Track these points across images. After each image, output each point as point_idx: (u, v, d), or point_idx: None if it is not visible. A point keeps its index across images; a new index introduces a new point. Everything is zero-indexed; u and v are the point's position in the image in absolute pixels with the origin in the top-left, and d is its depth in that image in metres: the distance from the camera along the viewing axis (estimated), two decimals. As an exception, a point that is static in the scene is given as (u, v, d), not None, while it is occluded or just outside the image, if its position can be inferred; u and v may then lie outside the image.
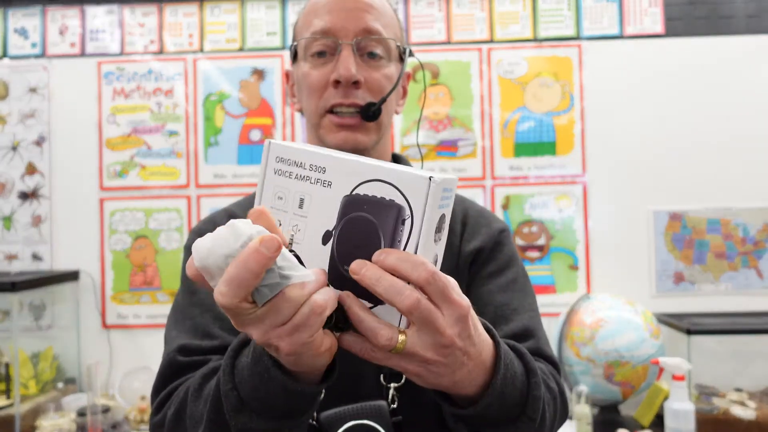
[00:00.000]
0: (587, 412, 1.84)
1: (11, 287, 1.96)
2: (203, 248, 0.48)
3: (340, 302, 0.53)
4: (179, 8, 2.33)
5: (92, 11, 2.34)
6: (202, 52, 2.32)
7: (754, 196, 2.22)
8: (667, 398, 1.82)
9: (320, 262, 0.54)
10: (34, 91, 2.33)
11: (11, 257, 2.32)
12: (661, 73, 2.24)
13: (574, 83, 2.26)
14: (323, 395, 0.64)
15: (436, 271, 0.51)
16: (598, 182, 2.25)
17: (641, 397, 2.01)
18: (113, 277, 2.29)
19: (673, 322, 2.04)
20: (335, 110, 0.84)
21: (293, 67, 0.92)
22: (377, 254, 0.51)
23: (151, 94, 2.32)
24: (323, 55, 0.85)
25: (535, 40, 2.28)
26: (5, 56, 2.35)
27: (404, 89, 0.96)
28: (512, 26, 2.29)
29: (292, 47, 0.91)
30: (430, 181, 0.51)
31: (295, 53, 0.90)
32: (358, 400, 0.75)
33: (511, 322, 0.81)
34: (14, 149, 2.33)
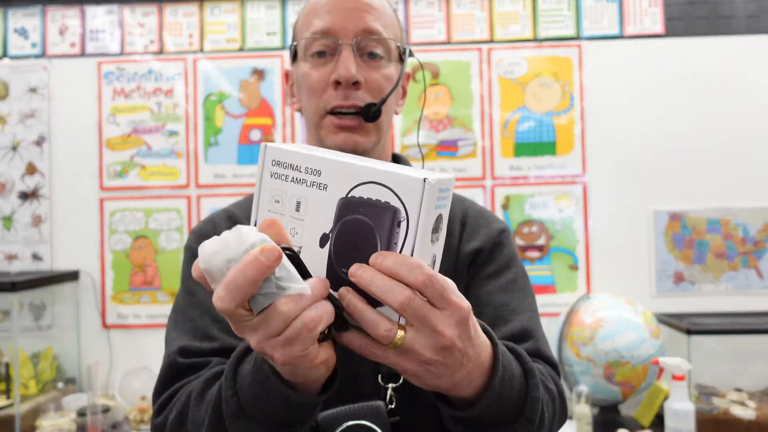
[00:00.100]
0: (587, 412, 1.84)
1: (11, 287, 1.96)
2: (208, 250, 0.49)
3: (340, 299, 0.53)
4: (179, 8, 2.33)
5: (92, 11, 2.34)
6: (202, 52, 2.32)
7: (754, 196, 2.22)
8: (667, 398, 1.82)
9: (318, 264, 0.54)
10: (34, 91, 2.33)
11: (11, 257, 2.32)
12: (661, 73, 2.24)
13: (574, 83, 2.26)
14: None
15: (433, 273, 0.51)
16: (598, 182, 2.25)
17: (641, 397, 2.01)
18: (113, 277, 2.29)
19: (673, 322, 2.04)
20: (335, 112, 0.84)
21: (293, 67, 0.91)
22: (374, 257, 0.51)
23: (151, 94, 2.32)
24: (323, 55, 0.85)
25: (535, 40, 2.28)
26: (5, 56, 2.35)
27: (404, 89, 0.96)
28: (512, 26, 2.28)
29: (291, 47, 0.91)
30: (424, 182, 0.50)
31: (294, 53, 0.90)
32: (356, 400, 0.75)
33: (510, 322, 0.81)
34: (14, 149, 2.33)
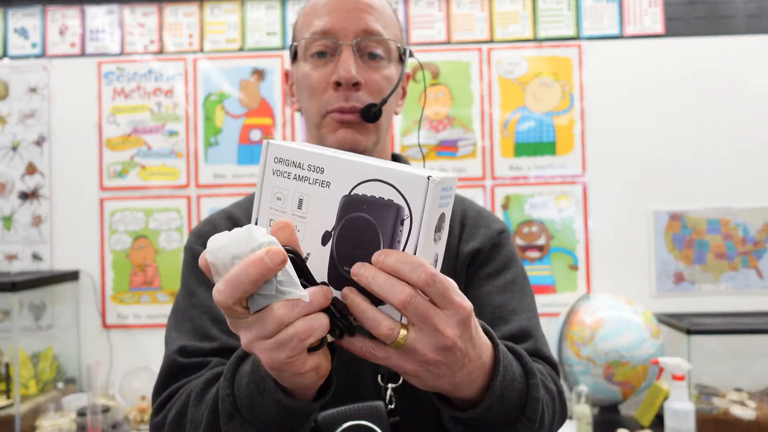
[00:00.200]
0: (587, 412, 1.84)
1: (11, 287, 1.96)
2: (216, 244, 0.49)
3: (343, 298, 0.53)
4: (179, 8, 2.33)
5: (92, 11, 2.34)
6: (202, 52, 2.32)
7: (754, 196, 2.22)
8: (667, 398, 1.82)
9: (320, 262, 0.54)
10: (34, 91, 2.33)
11: (11, 257, 2.32)
12: (661, 73, 2.24)
13: (574, 83, 2.26)
14: None
15: (435, 273, 0.51)
16: (598, 182, 2.25)
17: (641, 397, 2.01)
18: (113, 277, 2.29)
19: (673, 322, 2.04)
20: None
21: (293, 67, 0.91)
22: (376, 255, 0.51)
23: (151, 94, 2.32)
24: (323, 55, 0.85)
25: (535, 40, 2.28)
26: (5, 56, 2.35)
27: (404, 90, 0.96)
28: (512, 26, 2.28)
29: (291, 47, 0.90)
30: (428, 180, 0.50)
31: (294, 53, 0.90)
32: (356, 400, 0.75)
33: (509, 323, 0.81)
34: (14, 149, 2.33)
